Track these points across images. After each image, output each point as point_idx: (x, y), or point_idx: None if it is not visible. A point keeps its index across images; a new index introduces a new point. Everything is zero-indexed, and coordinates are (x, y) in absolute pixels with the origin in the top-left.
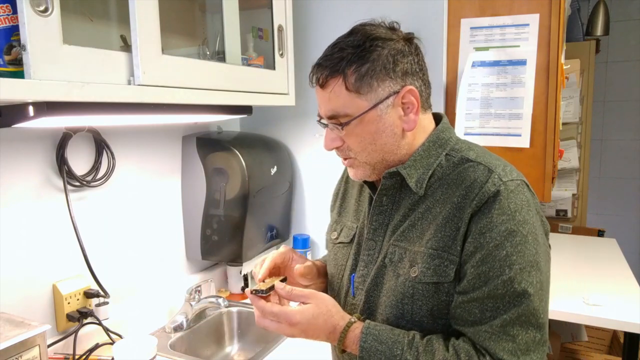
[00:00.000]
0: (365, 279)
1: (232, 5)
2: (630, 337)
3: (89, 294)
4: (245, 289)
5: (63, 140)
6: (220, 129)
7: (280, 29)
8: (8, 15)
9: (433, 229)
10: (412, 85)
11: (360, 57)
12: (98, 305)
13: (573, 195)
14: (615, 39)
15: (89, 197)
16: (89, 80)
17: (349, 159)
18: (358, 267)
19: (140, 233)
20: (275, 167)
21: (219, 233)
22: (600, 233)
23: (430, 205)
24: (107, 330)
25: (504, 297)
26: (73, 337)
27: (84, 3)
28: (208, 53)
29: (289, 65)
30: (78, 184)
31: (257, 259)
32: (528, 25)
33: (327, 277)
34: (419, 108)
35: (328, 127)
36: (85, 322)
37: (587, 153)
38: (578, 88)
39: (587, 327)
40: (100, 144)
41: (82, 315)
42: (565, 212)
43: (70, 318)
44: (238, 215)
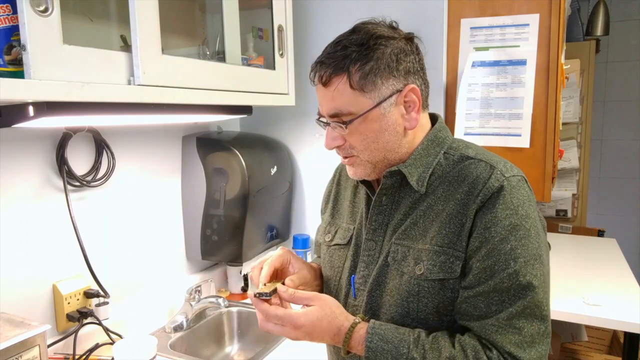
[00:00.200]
0: (367, 280)
1: (232, 5)
2: (630, 337)
3: (89, 294)
4: (248, 293)
5: (63, 140)
6: (220, 129)
7: (280, 29)
8: (8, 15)
9: (437, 226)
10: (414, 84)
11: (365, 55)
12: (98, 305)
13: (573, 195)
14: (615, 39)
15: (89, 197)
16: (89, 80)
17: (351, 158)
18: (358, 268)
19: (140, 233)
20: (275, 167)
21: (219, 233)
22: (600, 233)
23: (432, 203)
24: (107, 330)
25: (510, 290)
26: (73, 337)
27: (84, 3)
28: (208, 53)
29: (289, 65)
30: (78, 184)
31: (257, 259)
32: (528, 25)
33: (321, 279)
34: (420, 107)
35: (329, 126)
36: (85, 322)
37: (587, 153)
38: (578, 88)
39: (587, 327)
40: (100, 144)
41: (82, 315)
42: (565, 212)
43: (70, 318)
44: (238, 215)
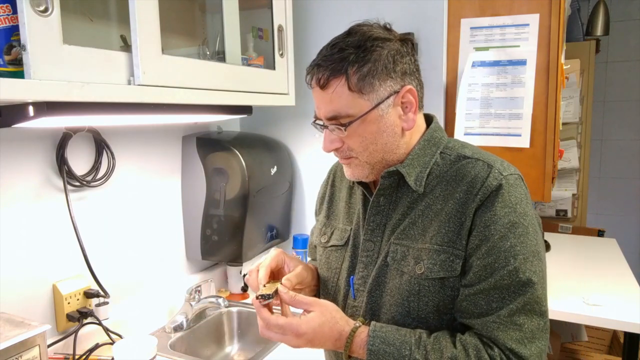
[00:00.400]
0: (366, 280)
1: (232, 5)
2: (630, 337)
3: (89, 294)
4: (252, 300)
5: (63, 140)
6: (220, 129)
7: (280, 29)
8: (8, 15)
9: (436, 225)
10: (410, 85)
11: (362, 57)
12: (98, 305)
13: (573, 195)
14: (615, 39)
15: (89, 197)
16: (89, 80)
17: (349, 159)
18: (357, 268)
19: (140, 233)
20: (275, 167)
21: (219, 233)
22: (600, 233)
23: (430, 203)
24: (107, 330)
25: (510, 287)
26: (73, 337)
27: (84, 3)
28: (208, 53)
29: (289, 65)
30: (78, 184)
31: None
32: (528, 25)
33: (318, 280)
34: (417, 107)
35: (327, 128)
36: (85, 322)
37: (587, 153)
38: (578, 88)
39: (587, 327)
40: (100, 144)
41: (82, 315)
42: (565, 212)
43: (70, 318)
44: (238, 215)
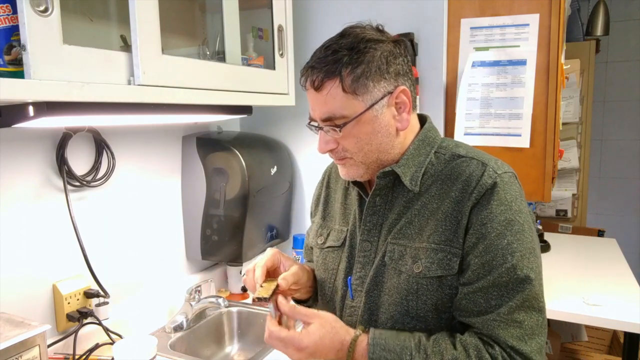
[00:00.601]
0: (364, 280)
1: (232, 5)
2: (630, 337)
3: (89, 294)
4: (253, 300)
5: (63, 140)
6: (220, 129)
7: (280, 29)
8: (8, 15)
9: (433, 224)
10: (403, 85)
11: (356, 58)
12: (98, 305)
13: (573, 195)
14: (615, 39)
15: (89, 197)
16: (89, 80)
17: (344, 159)
18: (354, 269)
19: (140, 233)
20: (275, 167)
21: (219, 233)
22: (600, 233)
23: (426, 202)
24: (107, 330)
25: (508, 284)
26: (73, 337)
27: (84, 3)
28: (208, 53)
29: (289, 65)
30: (78, 184)
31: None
32: (528, 25)
33: (315, 281)
34: (411, 108)
35: (322, 129)
36: (85, 322)
37: (587, 153)
38: (578, 88)
39: (587, 327)
40: (100, 144)
41: (82, 315)
42: (565, 212)
43: (70, 318)
44: (238, 215)
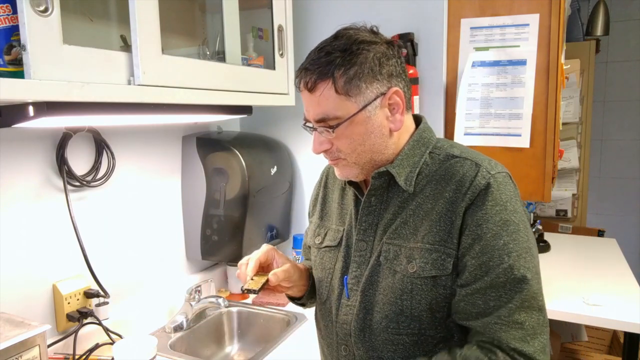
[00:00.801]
0: (359, 280)
1: (232, 5)
2: (630, 337)
3: (89, 294)
4: (242, 291)
5: (63, 140)
6: (220, 129)
7: (280, 29)
8: (8, 15)
9: (427, 225)
10: (397, 87)
11: (348, 60)
12: (98, 305)
13: (573, 195)
14: (615, 39)
15: (89, 197)
16: (89, 80)
17: (338, 160)
18: (350, 268)
19: (140, 233)
20: (275, 167)
21: (219, 233)
22: (600, 233)
23: (421, 202)
24: (107, 330)
25: (505, 284)
26: (73, 337)
27: (84, 3)
28: (208, 53)
29: (289, 65)
30: (78, 184)
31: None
32: (528, 25)
33: (308, 280)
34: (404, 108)
35: (316, 130)
36: (85, 322)
37: (587, 153)
38: (578, 88)
39: (587, 327)
40: (100, 144)
41: (82, 315)
42: (565, 212)
43: (70, 318)
44: (238, 215)
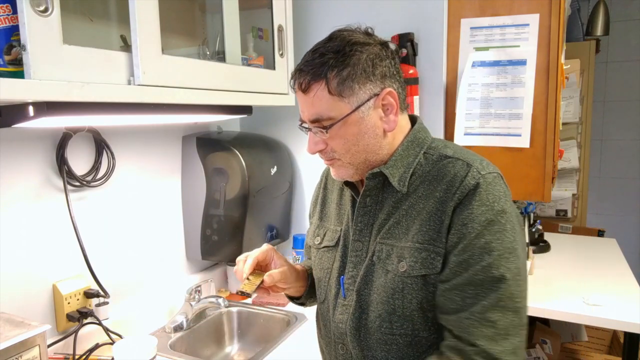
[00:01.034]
0: (355, 279)
1: (232, 5)
2: (630, 337)
3: (89, 294)
4: (237, 292)
5: (63, 140)
6: (220, 129)
7: (280, 29)
8: (8, 15)
9: (418, 224)
10: (390, 87)
11: (341, 61)
12: (98, 305)
13: (573, 195)
14: (615, 39)
15: (89, 197)
16: (89, 80)
17: (332, 160)
18: (347, 268)
19: (140, 233)
20: (275, 167)
21: (219, 233)
22: (600, 233)
23: (414, 202)
24: (107, 330)
25: (483, 282)
26: (73, 337)
27: (84, 3)
28: (208, 53)
29: (289, 65)
30: (78, 184)
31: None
32: (528, 25)
33: (306, 281)
34: (398, 109)
35: (311, 131)
36: (85, 322)
37: (587, 153)
38: (578, 88)
39: (587, 327)
40: (100, 144)
41: (82, 315)
42: (565, 212)
43: (70, 318)
44: (238, 215)
